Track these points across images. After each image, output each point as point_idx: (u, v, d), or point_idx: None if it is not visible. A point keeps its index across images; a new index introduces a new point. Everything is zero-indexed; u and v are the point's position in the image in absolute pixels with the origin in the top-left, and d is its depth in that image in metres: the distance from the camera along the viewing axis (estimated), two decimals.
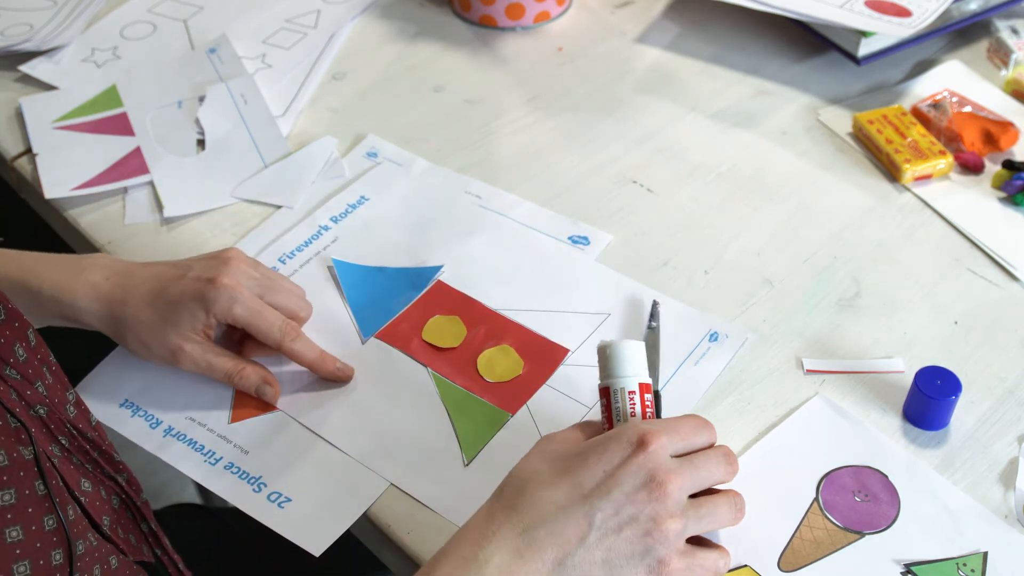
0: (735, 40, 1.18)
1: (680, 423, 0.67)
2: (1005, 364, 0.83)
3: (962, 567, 0.70)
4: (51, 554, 0.61)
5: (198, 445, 0.79)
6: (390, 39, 1.21)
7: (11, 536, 0.58)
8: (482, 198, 0.98)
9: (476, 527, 0.64)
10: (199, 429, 0.80)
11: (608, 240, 0.94)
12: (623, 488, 0.62)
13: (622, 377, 0.69)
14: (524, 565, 0.61)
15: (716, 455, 0.67)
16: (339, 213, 0.97)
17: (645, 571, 0.62)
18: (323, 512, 0.74)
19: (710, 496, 0.66)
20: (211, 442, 0.79)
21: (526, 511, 0.63)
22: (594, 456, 0.64)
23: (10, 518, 0.59)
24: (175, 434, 0.80)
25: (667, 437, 0.64)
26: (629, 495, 0.62)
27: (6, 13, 1.22)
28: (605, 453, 0.64)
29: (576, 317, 0.87)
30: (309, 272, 0.91)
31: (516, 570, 0.61)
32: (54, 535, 0.61)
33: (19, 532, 0.59)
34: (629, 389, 0.68)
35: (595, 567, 0.62)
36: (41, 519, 0.61)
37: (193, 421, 0.80)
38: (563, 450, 0.66)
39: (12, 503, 0.59)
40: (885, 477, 0.75)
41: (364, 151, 1.04)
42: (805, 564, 0.70)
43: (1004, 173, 0.98)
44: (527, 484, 0.64)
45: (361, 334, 0.86)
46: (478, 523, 0.64)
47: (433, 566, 0.63)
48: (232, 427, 0.80)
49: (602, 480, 0.63)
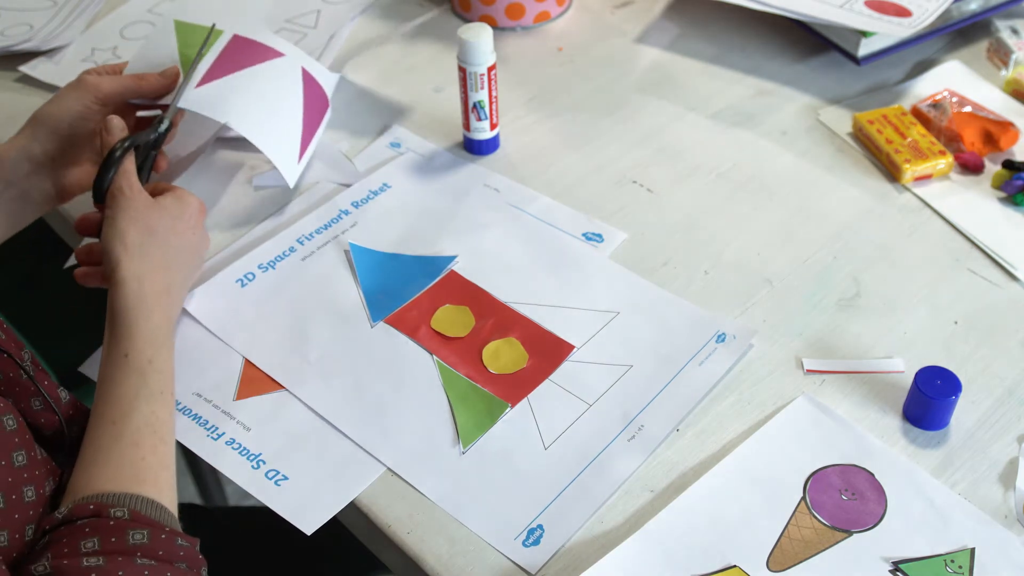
0: (735, 40, 1.18)
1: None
2: (1005, 364, 0.83)
3: (950, 564, 0.70)
4: (23, 490, 0.62)
5: (202, 420, 0.80)
6: (390, 39, 1.21)
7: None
8: (501, 192, 0.99)
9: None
10: (204, 405, 0.81)
11: (622, 238, 0.94)
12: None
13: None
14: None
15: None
16: (360, 199, 0.98)
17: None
18: (318, 493, 0.75)
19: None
20: (215, 417, 0.80)
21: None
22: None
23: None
24: (180, 408, 0.81)
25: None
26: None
27: (6, 13, 1.22)
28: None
29: (585, 314, 0.87)
30: (325, 255, 0.93)
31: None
32: (24, 471, 0.63)
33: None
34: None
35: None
36: (10, 455, 0.62)
37: (199, 396, 0.82)
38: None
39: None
40: (871, 475, 0.75)
41: (387, 141, 1.05)
42: (793, 564, 0.70)
43: (1004, 173, 0.98)
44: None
45: (371, 318, 0.87)
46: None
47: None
48: (237, 404, 0.81)
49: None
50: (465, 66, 0.96)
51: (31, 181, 0.86)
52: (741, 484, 0.75)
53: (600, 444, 0.78)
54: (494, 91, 0.99)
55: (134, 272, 0.76)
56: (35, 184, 0.86)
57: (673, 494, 0.74)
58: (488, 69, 0.96)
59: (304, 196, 0.99)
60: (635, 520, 0.73)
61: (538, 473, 0.76)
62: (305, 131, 0.93)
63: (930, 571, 0.69)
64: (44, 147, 0.85)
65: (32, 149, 0.85)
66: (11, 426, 0.63)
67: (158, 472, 0.67)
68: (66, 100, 0.85)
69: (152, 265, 0.77)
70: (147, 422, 0.69)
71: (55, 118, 0.85)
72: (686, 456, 0.77)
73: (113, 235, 0.77)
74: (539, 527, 0.73)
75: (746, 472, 0.75)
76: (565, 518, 0.73)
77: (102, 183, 0.80)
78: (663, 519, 0.73)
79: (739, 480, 0.75)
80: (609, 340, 0.85)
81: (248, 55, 0.92)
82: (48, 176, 0.86)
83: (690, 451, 0.77)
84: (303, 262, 0.92)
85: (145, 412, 0.69)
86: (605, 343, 0.85)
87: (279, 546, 0.76)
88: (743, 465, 0.76)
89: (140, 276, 0.76)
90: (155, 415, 0.70)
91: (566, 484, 0.75)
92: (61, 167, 0.86)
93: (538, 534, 0.72)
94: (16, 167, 0.85)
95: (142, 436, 0.68)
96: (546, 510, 0.74)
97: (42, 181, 0.86)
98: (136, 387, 0.71)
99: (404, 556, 0.73)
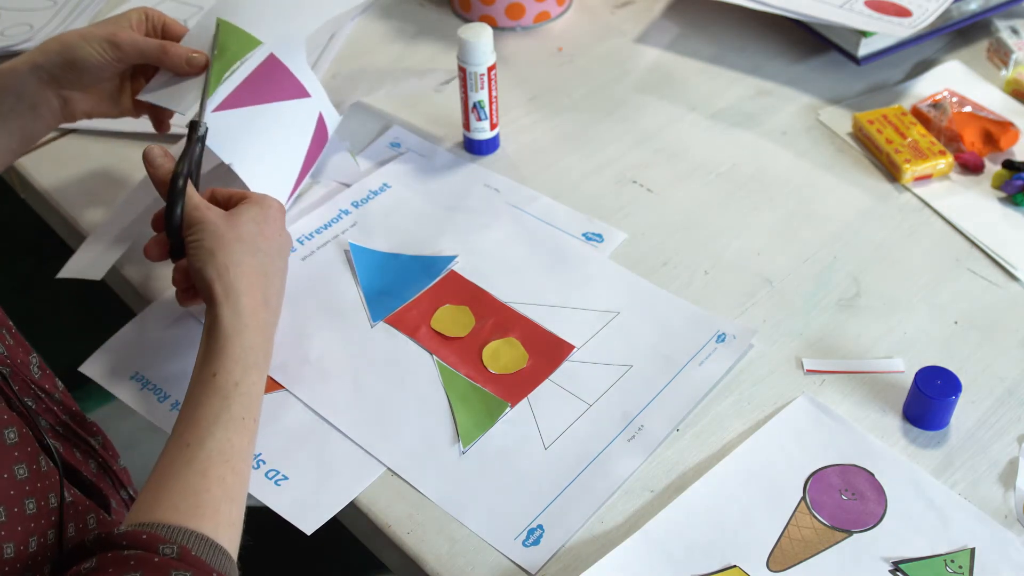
0: (735, 40, 1.18)
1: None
2: (1005, 364, 0.83)
3: (950, 564, 0.70)
4: (24, 502, 0.62)
5: None
6: (390, 39, 1.21)
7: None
8: (501, 191, 0.99)
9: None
10: None
11: (622, 238, 0.94)
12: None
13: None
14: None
15: None
16: (361, 199, 0.98)
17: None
18: (318, 493, 0.75)
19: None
20: None
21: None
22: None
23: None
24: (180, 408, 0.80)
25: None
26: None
27: (6, 13, 1.22)
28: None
29: (585, 314, 0.87)
30: (325, 254, 0.93)
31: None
32: (26, 484, 0.62)
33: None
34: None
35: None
36: (11, 468, 0.62)
37: None
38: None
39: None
40: (871, 475, 0.75)
41: (388, 141, 1.05)
42: (794, 564, 0.70)
43: (1004, 173, 0.98)
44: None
45: (371, 318, 0.87)
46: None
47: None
48: None
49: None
50: (465, 66, 0.96)
51: (40, 96, 0.85)
52: (741, 484, 0.75)
53: (600, 444, 0.78)
54: (494, 91, 0.99)
55: (230, 287, 0.73)
56: (43, 99, 0.85)
57: (673, 494, 0.74)
58: (488, 69, 0.96)
59: (304, 196, 0.99)
60: (635, 520, 0.73)
61: (538, 473, 0.76)
62: (300, 175, 0.90)
63: (930, 571, 0.69)
64: (51, 69, 0.84)
65: (41, 66, 0.84)
66: (12, 439, 0.62)
67: (219, 505, 0.65)
68: (89, 40, 0.84)
69: (247, 276, 0.75)
70: (220, 449, 0.67)
71: (71, 48, 0.84)
72: (686, 456, 0.77)
73: (202, 256, 0.74)
74: (539, 527, 0.73)
75: (746, 472, 0.75)
76: (565, 518, 0.73)
77: (172, 218, 0.77)
78: (663, 519, 0.73)
79: (739, 480, 0.75)
80: (609, 340, 0.85)
81: (275, 87, 0.87)
82: (54, 94, 0.86)
83: (690, 451, 0.77)
84: (303, 262, 0.92)
85: (220, 438, 0.67)
86: (605, 343, 0.85)
87: (279, 546, 0.75)
88: (743, 465, 0.76)
89: (238, 291, 0.73)
90: (230, 442, 0.67)
91: (566, 484, 0.75)
92: (66, 88, 0.86)
93: (538, 534, 0.72)
94: (26, 81, 0.84)
95: (212, 464, 0.66)
96: (546, 510, 0.74)
97: (49, 98, 0.86)
98: (217, 410, 0.68)
99: (404, 556, 0.73)
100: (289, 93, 0.87)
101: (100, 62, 0.83)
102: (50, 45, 0.84)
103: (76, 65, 0.83)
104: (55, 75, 0.84)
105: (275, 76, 0.87)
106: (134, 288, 0.91)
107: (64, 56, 0.83)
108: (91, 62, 0.83)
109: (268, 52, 0.87)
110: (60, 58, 0.83)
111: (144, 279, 0.91)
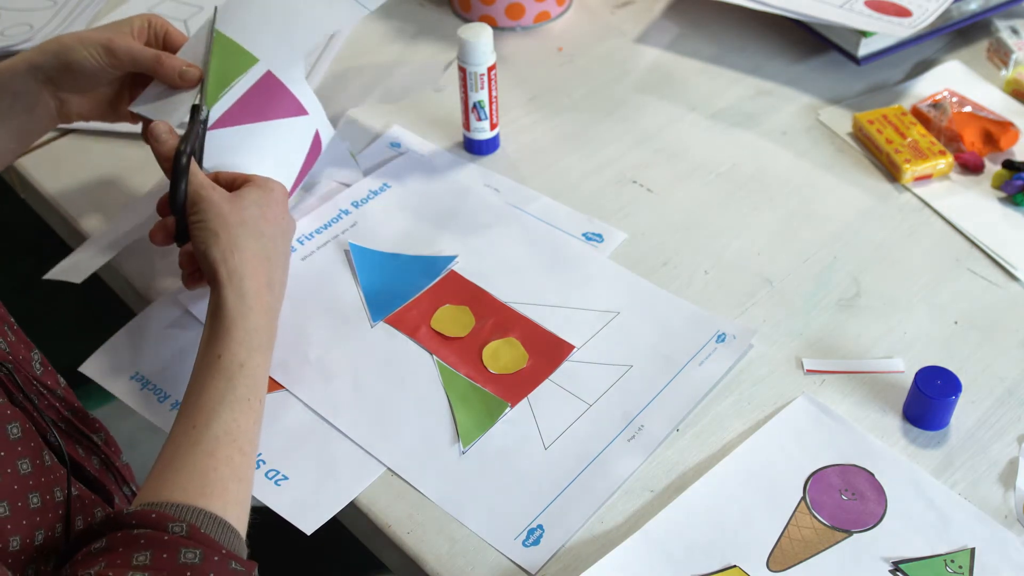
0: (735, 40, 1.18)
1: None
2: (1005, 364, 0.83)
3: (950, 564, 0.70)
4: (28, 497, 0.62)
5: None
6: (390, 39, 1.21)
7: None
8: (501, 191, 0.99)
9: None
10: None
11: (622, 238, 0.94)
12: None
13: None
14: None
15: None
16: (360, 199, 0.98)
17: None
18: (318, 492, 0.75)
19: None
20: None
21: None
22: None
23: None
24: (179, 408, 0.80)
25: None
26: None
27: (6, 13, 1.22)
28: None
29: (585, 314, 0.87)
30: (325, 254, 0.93)
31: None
32: (30, 479, 0.62)
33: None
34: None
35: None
36: (15, 463, 0.62)
37: None
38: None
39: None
40: (871, 475, 0.75)
41: (388, 141, 1.05)
42: (794, 564, 0.70)
43: (1004, 173, 0.98)
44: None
45: (371, 318, 0.87)
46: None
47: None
48: None
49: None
50: (465, 66, 0.96)
51: (37, 96, 0.85)
52: (741, 484, 0.75)
53: (600, 444, 0.78)
54: (494, 91, 0.99)
55: (234, 270, 0.73)
56: (40, 100, 0.85)
57: (673, 494, 0.74)
58: (488, 69, 0.96)
59: (304, 196, 0.99)
60: (635, 520, 0.73)
61: (538, 473, 0.76)
62: (291, 191, 0.89)
63: (930, 571, 0.69)
64: (48, 70, 0.84)
65: (39, 66, 0.84)
66: (15, 435, 0.63)
67: (228, 484, 0.65)
68: (86, 44, 0.83)
69: (251, 260, 0.75)
70: (227, 430, 0.67)
71: (67, 51, 0.83)
72: (686, 456, 0.77)
73: (206, 237, 0.74)
74: (539, 527, 0.73)
75: (746, 472, 0.75)
76: (565, 518, 0.73)
77: (176, 196, 0.77)
78: (663, 519, 0.73)
79: (739, 480, 0.75)
80: (609, 340, 0.85)
81: (273, 105, 0.86)
82: (51, 95, 0.85)
83: (690, 451, 0.77)
84: (303, 262, 0.92)
85: (227, 419, 0.67)
86: (605, 343, 0.85)
87: (279, 546, 0.75)
88: (743, 465, 0.76)
89: (241, 274, 0.73)
90: (236, 423, 0.68)
91: (566, 484, 0.75)
92: (63, 90, 0.86)
93: (538, 534, 0.72)
94: (24, 80, 0.84)
95: (219, 445, 0.66)
96: (546, 510, 0.74)
97: (46, 98, 0.85)
98: (223, 391, 0.68)
99: (404, 556, 0.73)
100: (286, 111, 0.86)
101: (94, 67, 0.83)
102: (48, 46, 0.84)
103: (71, 68, 0.83)
104: (51, 76, 0.84)
105: (272, 94, 0.86)
106: (134, 288, 0.91)
107: (60, 58, 0.83)
108: (86, 66, 0.83)
109: (265, 70, 0.86)
110: (56, 60, 0.83)
111: (144, 279, 0.91)
